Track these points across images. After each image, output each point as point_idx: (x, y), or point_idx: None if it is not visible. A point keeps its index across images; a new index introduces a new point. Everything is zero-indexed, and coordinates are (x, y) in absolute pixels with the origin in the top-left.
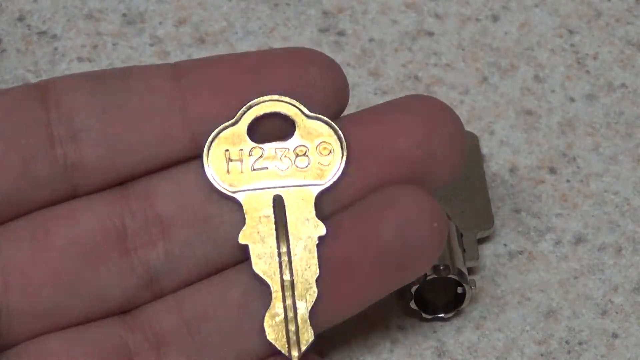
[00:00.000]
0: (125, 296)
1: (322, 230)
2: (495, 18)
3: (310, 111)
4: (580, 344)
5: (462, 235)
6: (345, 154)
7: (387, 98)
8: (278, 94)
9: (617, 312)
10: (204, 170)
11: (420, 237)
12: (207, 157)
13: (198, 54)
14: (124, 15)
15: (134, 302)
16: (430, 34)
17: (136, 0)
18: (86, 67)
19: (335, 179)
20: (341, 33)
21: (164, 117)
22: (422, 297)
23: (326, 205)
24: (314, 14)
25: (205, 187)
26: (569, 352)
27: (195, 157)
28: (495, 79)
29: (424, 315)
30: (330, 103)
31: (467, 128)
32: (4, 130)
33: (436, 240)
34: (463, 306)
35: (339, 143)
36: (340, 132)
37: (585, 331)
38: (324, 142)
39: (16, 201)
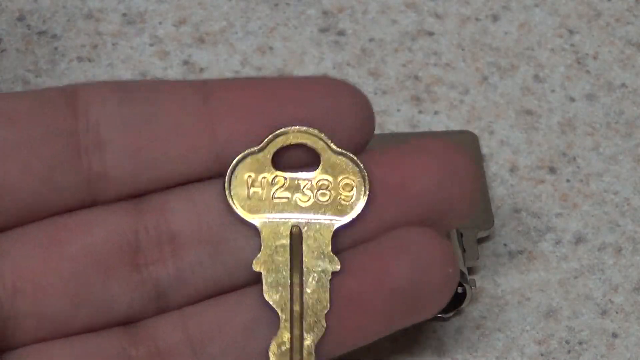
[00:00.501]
0: (132, 310)
1: (336, 265)
2: (495, 18)
3: (335, 143)
4: (580, 343)
5: (462, 235)
6: (367, 192)
7: (387, 98)
8: (306, 125)
9: (617, 312)
10: (225, 193)
11: (433, 281)
12: (230, 181)
13: (198, 53)
14: (124, 15)
15: (140, 317)
16: (430, 34)
17: (136, 0)
18: (86, 67)
19: (355, 216)
20: (341, 33)
21: (190, 135)
22: None
23: (342, 239)
24: (314, 13)
25: (222, 209)
26: (569, 352)
27: (216, 177)
28: (495, 79)
29: None
30: (356, 135)
31: (467, 128)
32: (32, 136)
33: (448, 286)
34: (463, 306)
35: (362, 181)
36: (364, 171)
37: (585, 331)
38: (347, 178)
39: (37, 208)
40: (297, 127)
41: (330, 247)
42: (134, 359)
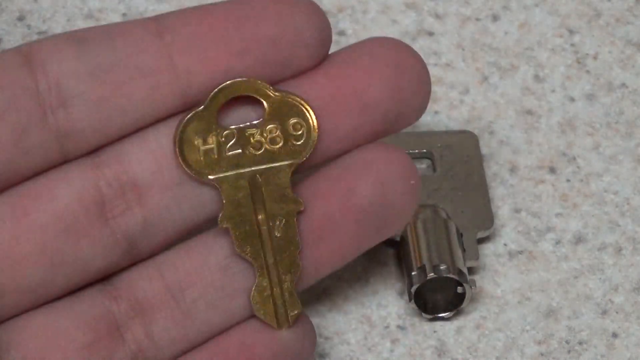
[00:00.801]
0: (107, 265)
1: (300, 206)
2: (495, 18)
3: (296, 59)
4: (580, 343)
5: (462, 235)
6: (317, 129)
7: None
8: (266, 44)
9: (617, 312)
10: (178, 160)
11: (397, 195)
12: (179, 145)
13: None
14: (124, 15)
15: (116, 270)
16: (430, 33)
17: (136, 0)
18: None
19: (308, 155)
20: (341, 33)
21: (153, 76)
22: (422, 297)
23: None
24: None
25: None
26: (569, 352)
27: (181, 112)
28: (495, 79)
29: (424, 315)
30: (315, 48)
31: (467, 128)
32: None
33: (412, 198)
34: (463, 306)
35: (310, 119)
36: (310, 108)
37: (585, 331)
38: (295, 119)
39: (9, 174)
40: (235, 80)
41: (291, 188)
42: (117, 314)
